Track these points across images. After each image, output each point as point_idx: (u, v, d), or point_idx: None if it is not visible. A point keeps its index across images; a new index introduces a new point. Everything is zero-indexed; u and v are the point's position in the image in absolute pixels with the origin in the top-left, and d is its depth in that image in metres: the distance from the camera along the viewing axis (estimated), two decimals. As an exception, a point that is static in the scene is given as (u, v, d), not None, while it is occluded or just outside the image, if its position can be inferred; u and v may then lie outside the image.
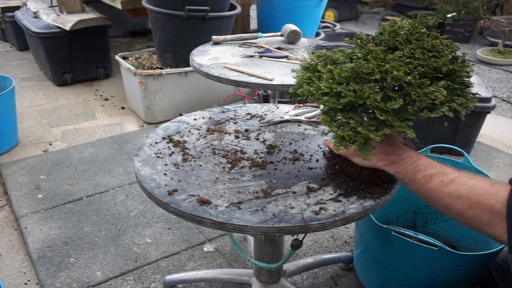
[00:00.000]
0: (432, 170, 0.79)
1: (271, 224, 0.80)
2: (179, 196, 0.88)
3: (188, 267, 1.62)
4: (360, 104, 0.80)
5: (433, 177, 0.77)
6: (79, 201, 1.98)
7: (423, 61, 0.81)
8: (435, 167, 0.79)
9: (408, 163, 0.82)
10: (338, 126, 0.83)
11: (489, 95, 2.24)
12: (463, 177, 0.75)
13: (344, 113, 0.82)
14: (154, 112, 2.75)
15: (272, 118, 1.25)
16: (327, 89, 0.82)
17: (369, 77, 0.80)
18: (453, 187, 0.75)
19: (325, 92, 0.83)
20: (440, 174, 0.77)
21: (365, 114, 0.83)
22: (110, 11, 3.67)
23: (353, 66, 0.81)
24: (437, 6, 4.83)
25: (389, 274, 1.35)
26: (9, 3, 4.09)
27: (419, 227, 1.65)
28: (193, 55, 1.71)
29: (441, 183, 0.76)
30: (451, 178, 0.76)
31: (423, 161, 0.81)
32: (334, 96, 0.82)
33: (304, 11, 3.12)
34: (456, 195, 0.74)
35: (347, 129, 0.81)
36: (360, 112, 0.82)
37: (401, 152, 0.85)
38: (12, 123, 2.43)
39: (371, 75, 0.80)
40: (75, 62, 3.29)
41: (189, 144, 1.10)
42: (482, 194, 0.71)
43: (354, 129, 0.80)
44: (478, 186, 0.73)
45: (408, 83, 0.78)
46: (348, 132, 0.80)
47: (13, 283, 1.55)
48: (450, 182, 0.75)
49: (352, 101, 0.79)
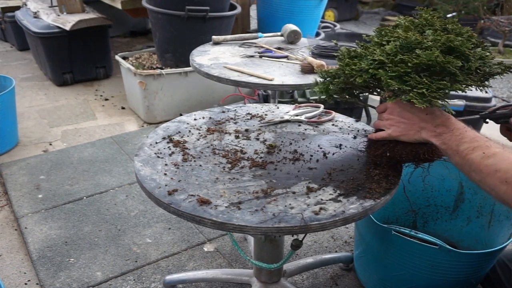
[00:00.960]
0: (476, 143, 0.80)
1: (271, 224, 0.80)
2: (179, 196, 0.88)
3: (188, 267, 1.62)
4: (423, 69, 0.84)
5: (475, 149, 0.78)
6: (79, 201, 1.98)
7: (455, 30, 0.87)
8: (480, 140, 0.80)
9: (455, 134, 0.84)
10: (412, 86, 0.84)
11: (489, 95, 2.24)
12: (506, 152, 0.76)
13: (416, 75, 0.85)
14: (154, 112, 2.75)
15: (272, 118, 1.25)
16: (386, 58, 0.87)
17: (421, 46, 0.85)
18: (494, 160, 0.75)
19: (379, 65, 0.88)
20: (483, 147, 0.78)
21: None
22: (110, 11, 3.67)
23: (400, 41, 0.88)
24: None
25: (389, 274, 1.35)
26: (9, 3, 4.09)
27: (419, 227, 1.65)
28: (193, 55, 1.71)
29: (482, 155, 0.77)
30: (493, 151, 0.77)
31: (469, 134, 0.82)
32: (392, 66, 0.86)
33: (304, 11, 3.12)
34: (494, 168, 0.75)
35: (421, 86, 0.83)
36: (425, 76, 0.85)
37: (450, 124, 0.86)
38: (12, 123, 2.43)
39: (422, 44, 0.85)
40: (75, 62, 3.29)
41: (189, 144, 1.10)
42: None
43: (429, 86, 0.82)
44: None
45: (461, 44, 0.82)
46: (424, 89, 0.82)
47: (13, 283, 1.55)
48: (492, 155, 0.76)
49: (419, 63, 0.83)
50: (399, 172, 0.97)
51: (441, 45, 0.85)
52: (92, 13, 3.29)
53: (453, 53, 0.85)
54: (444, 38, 0.84)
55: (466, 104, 2.21)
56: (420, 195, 1.60)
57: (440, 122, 0.87)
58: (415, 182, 1.54)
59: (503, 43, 4.26)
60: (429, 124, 0.88)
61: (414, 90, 0.83)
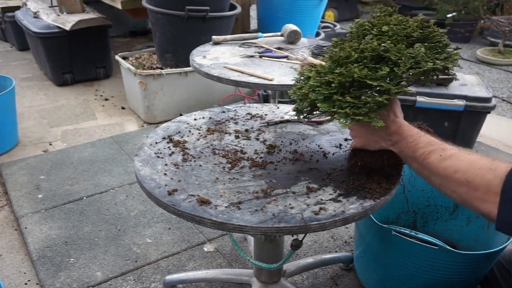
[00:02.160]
0: (431, 147, 0.79)
1: (271, 224, 0.80)
2: (179, 196, 0.88)
3: (188, 267, 1.62)
4: (351, 84, 0.84)
5: (431, 153, 0.78)
6: (79, 201, 1.98)
7: (391, 31, 0.86)
8: (435, 144, 0.80)
9: (409, 141, 0.84)
10: (339, 107, 0.85)
11: (489, 95, 2.24)
12: (463, 153, 0.75)
13: (338, 95, 0.85)
14: (154, 112, 2.75)
15: (272, 118, 1.25)
16: (317, 83, 0.87)
17: (349, 59, 0.85)
18: (451, 161, 0.75)
19: (315, 88, 0.87)
20: (439, 150, 0.78)
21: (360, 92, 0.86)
22: (110, 11, 3.67)
23: (331, 57, 0.88)
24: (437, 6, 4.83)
25: (389, 274, 1.35)
26: (9, 3, 4.09)
27: (419, 227, 1.65)
28: (193, 55, 1.71)
29: (439, 158, 0.76)
30: (450, 153, 0.76)
31: (423, 139, 0.82)
32: (326, 87, 0.86)
33: (304, 11, 3.12)
34: (453, 169, 0.74)
35: (345, 105, 0.83)
36: (354, 91, 0.85)
37: (402, 131, 0.87)
38: (12, 123, 2.43)
39: (350, 58, 0.85)
40: (75, 62, 3.28)
41: (189, 144, 1.10)
42: (480, 168, 0.70)
43: (354, 104, 0.82)
44: (478, 161, 0.72)
45: (386, 50, 0.82)
46: (347, 108, 0.82)
47: (13, 283, 1.55)
48: (448, 157, 0.75)
49: (341, 81, 0.83)
50: (399, 172, 0.97)
51: (369, 55, 0.84)
52: (92, 13, 3.29)
53: (383, 61, 0.84)
54: (369, 48, 0.83)
55: (466, 104, 2.21)
56: (420, 195, 1.60)
57: (393, 130, 0.87)
58: (415, 182, 1.55)
59: (503, 43, 4.27)
60: (383, 133, 0.89)
61: (339, 111, 0.83)
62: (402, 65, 0.81)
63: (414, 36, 0.86)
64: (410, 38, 0.87)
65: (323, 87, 0.86)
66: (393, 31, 0.86)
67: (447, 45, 0.89)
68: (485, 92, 2.27)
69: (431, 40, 0.88)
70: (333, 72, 0.86)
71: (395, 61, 0.82)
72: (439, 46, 0.88)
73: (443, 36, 0.89)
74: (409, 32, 0.86)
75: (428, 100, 2.22)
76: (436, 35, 0.88)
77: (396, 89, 0.81)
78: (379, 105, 0.84)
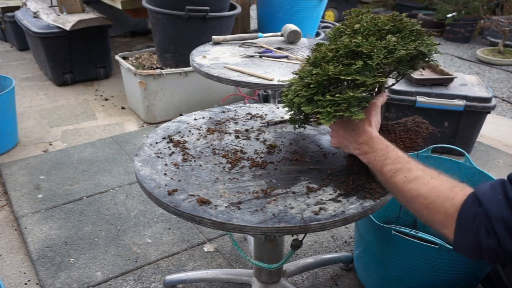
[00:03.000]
0: (398, 165, 0.80)
1: (270, 224, 0.80)
2: (179, 196, 0.88)
3: (188, 267, 1.62)
4: (330, 83, 0.86)
5: (398, 172, 0.79)
6: (79, 201, 1.98)
7: (362, 27, 0.88)
8: (402, 162, 0.81)
9: (378, 155, 0.84)
10: (321, 107, 0.86)
11: (489, 95, 2.24)
12: (427, 176, 0.77)
13: (319, 95, 0.87)
14: (154, 112, 2.75)
15: (273, 118, 1.25)
16: (299, 87, 0.91)
17: (325, 60, 0.87)
18: (415, 185, 0.76)
19: (298, 92, 0.91)
20: (405, 170, 0.79)
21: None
22: (110, 11, 3.67)
23: (309, 61, 0.92)
24: (437, 6, 4.83)
25: (389, 274, 1.35)
26: (9, 3, 4.09)
27: (419, 227, 1.65)
28: (193, 55, 1.71)
29: (404, 179, 0.78)
30: (414, 175, 0.77)
31: (391, 154, 0.83)
32: (306, 89, 0.90)
33: (304, 11, 3.12)
34: (416, 193, 0.76)
35: (326, 104, 0.85)
36: (334, 89, 0.87)
37: (372, 143, 0.86)
38: (12, 123, 2.43)
39: (326, 58, 0.87)
40: (75, 62, 3.29)
41: (189, 144, 1.10)
42: (439, 196, 0.73)
43: (334, 101, 0.84)
44: (438, 188, 0.74)
45: (357, 45, 0.84)
46: (328, 106, 0.84)
47: (13, 283, 1.55)
48: (413, 180, 0.77)
49: (318, 80, 0.86)
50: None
51: (343, 52, 0.86)
52: (92, 13, 3.29)
53: (357, 56, 0.86)
54: (342, 46, 0.86)
55: (466, 104, 2.21)
56: (420, 195, 1.60)
57: (363, 140, 0.87)
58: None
59: (503, 43, 4.27)
60: (353, 140, 0.89)
61: (321, 111, 0.85)
62: (375, 57, 0.83)
63: (385, 29, 0.89)
64: (382, 32, 0.89)
65: (304, 89, 0.89)
66: (364, 27, 0.89)
67: (421, 33, 0.90)
68: (485, 92, 2.27)
69: (404, 31, 0.90)
70: (311, 74, 0.89)
71: (368, 54, 0.84)
72: (413, 34, 0.89)
73: (414, 25, 0.90)
74: (380, 26, 0.88)
75: (428, 100, 2.22)
76: (407, 25, 0.90)
77: (372, 81, 0.83)
78: (360, 100, 0.85)
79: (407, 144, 0.92)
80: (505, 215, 0.66)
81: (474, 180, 1.46)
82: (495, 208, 0.67)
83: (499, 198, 0.68)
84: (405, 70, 0.90)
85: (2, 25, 4.34)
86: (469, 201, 0.70)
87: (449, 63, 4.22)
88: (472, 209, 0.69)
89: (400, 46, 0.85)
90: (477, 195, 0.70)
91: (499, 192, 0.68)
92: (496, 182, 0.70)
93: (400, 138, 0.92)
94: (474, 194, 0.71)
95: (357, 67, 0.83)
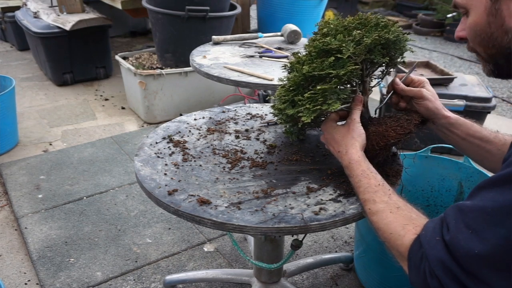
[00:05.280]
0: (367, 195, 0.82)
1: (271, 224, 0.80)
2: (179, 196, 0.88)
3: (188, 267, 1.62)
4: (309, 82, 0.93)
5: (365, 203, 0.82)
6: (79, 201, 1.98)
7: (329, 29, 0.95)
8: (370, 192, 0.82)
9: (355, 181, 0.86)
10: (302, 106, 0.91)
11: (489, 95, 2.24)
12: (386, 211, 0.78)
13: (299, 96, 0.92)
14: (154, 112, 2.75)
15: (273, 118, 1.25)
16: (282, 93, 0.97)
17: (299, 63, 0.95)
18: (376, 218, 0.79)
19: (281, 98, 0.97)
20: (370, 202, 0.81)
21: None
22: (110, 11, 3.67)
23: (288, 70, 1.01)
24: (437, 6, 4.83)
25: (389, 274, 1.35)
26: (9, 3, 4.09)
27: (419, 227, 1.65)
28: (193, 55, 1.71)
29: (369, 210, 0.81)
30: (376, 209, 0.79)
31: (364, 183, 0.84)
32: (287, 92, 0.97)
33: (304, 11, 3.12)
34: (376, 226, 0.79)
35: (306, 102, 0.90)
36: (313, 87, 0.91)
37: (352, 169, 0.87)
38: (12, 123, 2.43)
39: (300, 61, 0.95)
40: (75, 62, 3.29)
41: (189, 144, 1.10)
42: (392, 233, 0.75)
43: (312, 97, 0.89)
44: (392, 224, 0.76)
45: (327, 44, 0.91)
46: (307, 104, 0.89)
47: (13, 283, 1.55)
48: (375, 213, 0.79)
49: (296, 81, 0.93)
50: (399, 173, 0.97)
51: (315, 53, 0.92)
52: (92, 13, 3.29)
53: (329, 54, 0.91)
54: (313, 48, 0.92)
55: (466, 104, 2.21)
56: (420, 195, 1.60)
57: (345, 165, 0.89)
58: (415, 182, 1.55)
59: (503, 43, 4.26)
60: (339, 159, 0.91)
61: (302, 109, 0.89)
62: (345, 50, 0.87)
63: (352, 26, 0.94)
64: (349, 29, 0.93)
65: (285, 93, 0.95)
66: (330, 28, 0.94)
67: (386, 25, 0.94)
68: (485, 92, 2.27)
69: (368, 25, 0.94)
70: (288, 78, 0.96)
71: (338, 49, 0.88)
72: (379, 27, 0.93)
73: (379, 18, 0.95)
74: (346, 25, 0.94)
75: (428, 100, 2.21)
76: (371, 20, 0.95)
77: (344, 71, 0.87)
78: (337, 93, 0.89)
79: (399, 131, 0.92)
80: (442, 256, 0.65)
81: (473, 180, 1.46)
82: (432, 251, 0.67)
83: (436, 239, 0.67)
84: (378, 58, 0.92)
85: (2, 25, 4.34)
86: (417, 242, 0.71)
87: (449, 63, 4.22)
88: (420, 251, 0.69)
89: (366, 37, 0.90)
90: (420, 237, 0.70)
91: (438, 231, 0.68)
92: (439, 219, 0.70)
93: (391, 127, 0.92)
94: (419, 235, 0.71)
95: (329, 62, 0.88)
